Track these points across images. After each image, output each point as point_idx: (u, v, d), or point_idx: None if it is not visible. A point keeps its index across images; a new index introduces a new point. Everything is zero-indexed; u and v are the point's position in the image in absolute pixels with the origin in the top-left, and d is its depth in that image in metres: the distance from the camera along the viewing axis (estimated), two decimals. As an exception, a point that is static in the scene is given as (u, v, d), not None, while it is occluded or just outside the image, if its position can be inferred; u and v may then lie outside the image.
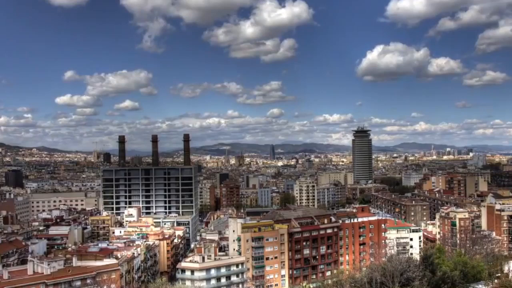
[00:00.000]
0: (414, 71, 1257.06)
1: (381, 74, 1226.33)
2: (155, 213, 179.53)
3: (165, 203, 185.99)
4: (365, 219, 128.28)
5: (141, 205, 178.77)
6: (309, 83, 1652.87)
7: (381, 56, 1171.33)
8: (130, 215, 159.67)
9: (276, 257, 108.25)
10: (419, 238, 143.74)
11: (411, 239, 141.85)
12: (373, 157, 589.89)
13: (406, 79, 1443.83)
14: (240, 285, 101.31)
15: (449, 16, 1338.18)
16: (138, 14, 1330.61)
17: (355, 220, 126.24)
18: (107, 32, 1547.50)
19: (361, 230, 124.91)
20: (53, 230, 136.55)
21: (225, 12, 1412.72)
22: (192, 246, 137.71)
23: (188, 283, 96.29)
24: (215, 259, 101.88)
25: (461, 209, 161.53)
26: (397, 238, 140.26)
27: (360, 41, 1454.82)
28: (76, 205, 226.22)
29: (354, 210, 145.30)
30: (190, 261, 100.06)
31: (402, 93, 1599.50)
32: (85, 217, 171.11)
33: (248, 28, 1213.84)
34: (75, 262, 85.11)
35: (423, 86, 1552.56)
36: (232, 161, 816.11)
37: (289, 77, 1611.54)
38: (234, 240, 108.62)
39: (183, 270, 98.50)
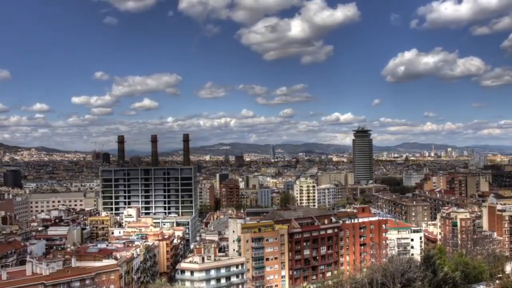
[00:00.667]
0: (437, 72, 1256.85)
1: (405, 75, 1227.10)
2: (154, 214, 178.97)
3: (165, 203, 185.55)
4: (365, 219, 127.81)
5: (140, 206, 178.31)
6: (334, 84, 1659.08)
7: (407, 58, 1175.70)
8: (130, 216, 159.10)
9: (276, 258, 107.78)
10: (420, 238, 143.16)
11: (412, 240, 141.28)
12: (374, 157, 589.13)
13: (428, 81, 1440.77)
14: (240, 286, 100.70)
15: (480, 24, 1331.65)
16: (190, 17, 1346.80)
17: (356, 221, 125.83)
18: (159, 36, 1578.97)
19: (362, 230, 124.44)
20: (52, 231, 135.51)
21: (264, 13, 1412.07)
22: (191, 246, 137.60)
23: (187, 284, 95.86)
24: (215, 259, 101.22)
25: (462, 210, 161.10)
26: (398, 238, 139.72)
27: (390, 45, 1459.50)
28: (75, 205, 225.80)
29: (355, 211, 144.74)
30: (190, 262, 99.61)
31: (422, 93, 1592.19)
32: (84, 217, 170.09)
33: (286, 30, 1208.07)
34: (74, 263, 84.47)
35: (444, 87, 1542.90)
36: (232, 161, 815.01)
37: (317, 78, 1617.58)
38: (234, 241, 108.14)
39: (182, 271, 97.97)
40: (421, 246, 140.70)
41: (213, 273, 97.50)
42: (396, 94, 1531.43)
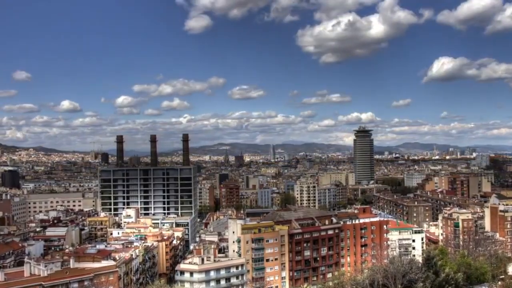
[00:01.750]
0: (472, 75, 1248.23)
1: (440, 77, 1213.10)
2: (153, 214, 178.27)
3: (164, 204, 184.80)
4: (366, 220, 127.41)
5: (139, 206, 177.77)
6: (369, 84, 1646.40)
7: (444, 60, 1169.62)
8: (128, 216, 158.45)
9: (276, 259, 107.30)
10: (422, 239, 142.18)
11: (413, 241, 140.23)
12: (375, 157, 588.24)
13: (463, 82, 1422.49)
14: (240, 287, 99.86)
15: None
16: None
17: (357, 221, 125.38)
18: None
19: (363, 231, 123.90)
20: (50, 231, 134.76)
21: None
22: (191, 247, 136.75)
23: (187, 285, 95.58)
24: (214, 260, 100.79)
25: (464, 210, 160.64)
26: (399, 239, 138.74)
27: (427, 49, 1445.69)
28: (74, 206, 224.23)
29: (356, 211, 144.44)
30: (189, 263, 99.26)
31: (453, 95, 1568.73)
32: (83, 218, 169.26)
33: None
34: (73, 264, 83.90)
35: (478, 88, 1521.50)
36: (232, 161, 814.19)
37: (357, 79, 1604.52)
38: (234, 242, 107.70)
39: (182, 272, 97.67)
40: (422, 247, 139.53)
41: (212, 274, 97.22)
42: (429, 95, 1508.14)
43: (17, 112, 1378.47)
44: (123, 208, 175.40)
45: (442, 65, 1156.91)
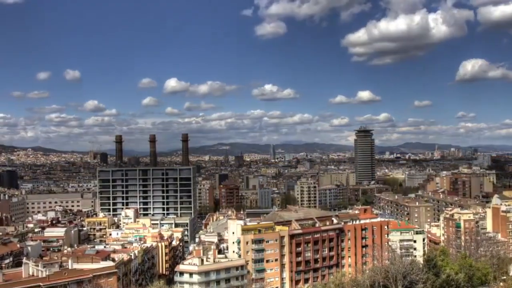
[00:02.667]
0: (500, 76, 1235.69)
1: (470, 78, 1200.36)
2: (152, 215, 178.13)
3: (163, 204, 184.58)
4: (367, 220, 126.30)
5: (138, 206, 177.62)
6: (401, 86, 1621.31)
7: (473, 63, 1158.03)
8: (127, 217, 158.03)
9: (276, 260, 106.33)
10: (423, 240, 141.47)
11: (414, 241, 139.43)
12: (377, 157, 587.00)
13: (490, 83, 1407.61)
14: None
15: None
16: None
17: (358, 222, 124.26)
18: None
19: (364, 232, 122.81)
20: (49, 232, 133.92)
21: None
22: (190, 248, 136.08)
23: (186, 286, 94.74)
24: (214, 261, 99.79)
25: (465, 211, 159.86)
26: (400, 240, 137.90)
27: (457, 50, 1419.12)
28: (72, 206, 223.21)
29: (357, 212, 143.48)
30: (189, 264, 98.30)
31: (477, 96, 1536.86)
32: (81, 218, 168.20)
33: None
34: (71, 265, 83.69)
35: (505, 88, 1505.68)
36: (232, 161, 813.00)
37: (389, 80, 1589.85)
38: (233, 242, 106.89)
39: (181, 273, 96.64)
40: (424, 248, 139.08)
41: (212, 275, 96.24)
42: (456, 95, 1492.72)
43: (42, 112, 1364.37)
44: (122, 208, 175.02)
45: (472, 66, 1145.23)
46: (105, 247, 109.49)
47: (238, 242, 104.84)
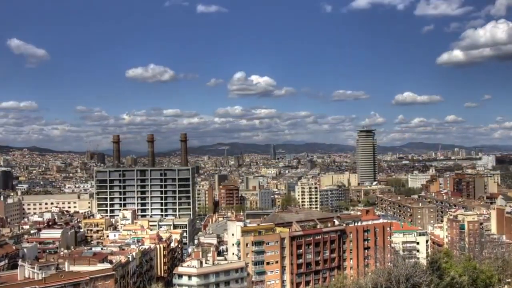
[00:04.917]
0: None
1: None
2: (151, 216, 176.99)
3: (162, 205, 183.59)
4: (369, 222, 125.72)
5: (136, 208, 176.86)
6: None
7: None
8: (125, 218, 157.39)
9: (277, 262, 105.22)
10: (426, 242, 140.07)
11: (417, 243, 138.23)
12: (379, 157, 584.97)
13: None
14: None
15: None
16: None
17: (360, 223, 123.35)
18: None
19: (366, 233, 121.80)
20: (45, 234, 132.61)
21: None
22: (189, 250, 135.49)
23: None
24: (213, 264, 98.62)
25: (469, 212, 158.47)
26: (403, 242, 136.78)
27: None
28: (69, 207, 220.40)
29: (359, 213, 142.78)
30: (188, 266, 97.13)
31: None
32: (78, 220, 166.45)
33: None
34: (68, 267, 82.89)
35: None
36: (231, 161, 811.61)
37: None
38: (233, 244, 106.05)
39: (180, 275, 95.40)
40: (427, 250, 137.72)
41: (211, 277, 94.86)
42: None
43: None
44: (120, 209, 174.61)
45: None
46: (102, 249, 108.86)
47: (238, 244, 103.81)
